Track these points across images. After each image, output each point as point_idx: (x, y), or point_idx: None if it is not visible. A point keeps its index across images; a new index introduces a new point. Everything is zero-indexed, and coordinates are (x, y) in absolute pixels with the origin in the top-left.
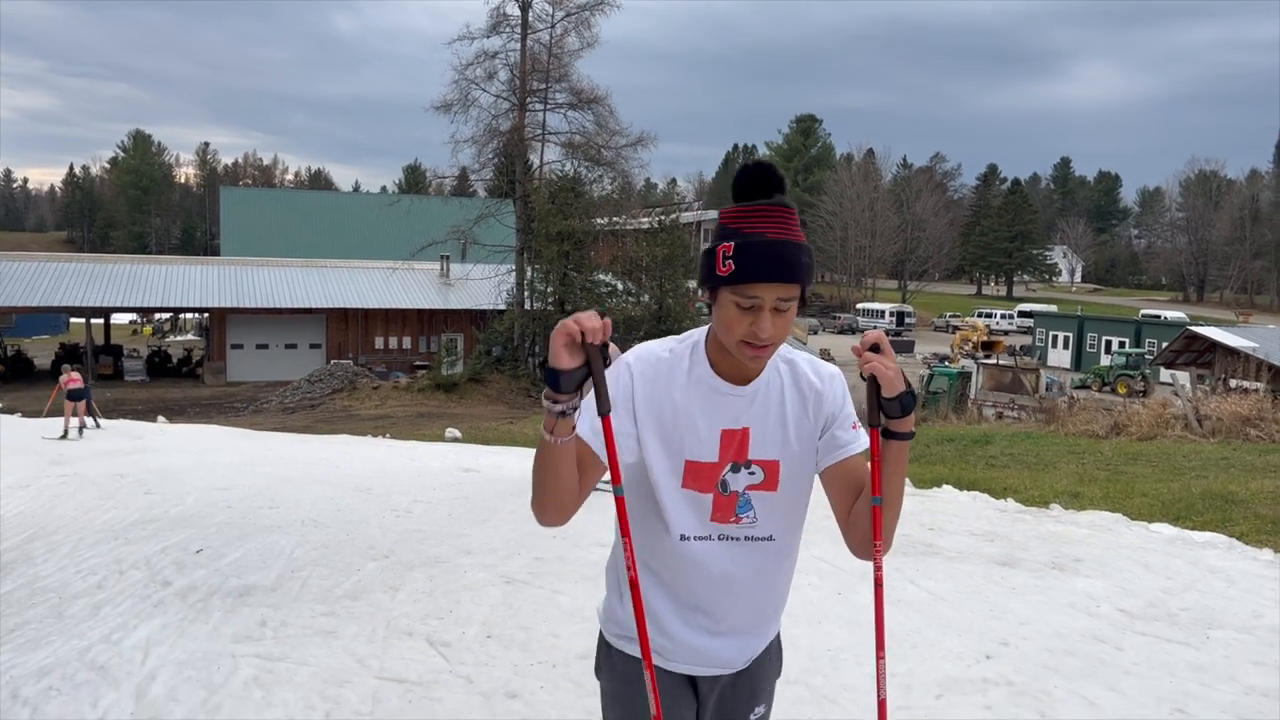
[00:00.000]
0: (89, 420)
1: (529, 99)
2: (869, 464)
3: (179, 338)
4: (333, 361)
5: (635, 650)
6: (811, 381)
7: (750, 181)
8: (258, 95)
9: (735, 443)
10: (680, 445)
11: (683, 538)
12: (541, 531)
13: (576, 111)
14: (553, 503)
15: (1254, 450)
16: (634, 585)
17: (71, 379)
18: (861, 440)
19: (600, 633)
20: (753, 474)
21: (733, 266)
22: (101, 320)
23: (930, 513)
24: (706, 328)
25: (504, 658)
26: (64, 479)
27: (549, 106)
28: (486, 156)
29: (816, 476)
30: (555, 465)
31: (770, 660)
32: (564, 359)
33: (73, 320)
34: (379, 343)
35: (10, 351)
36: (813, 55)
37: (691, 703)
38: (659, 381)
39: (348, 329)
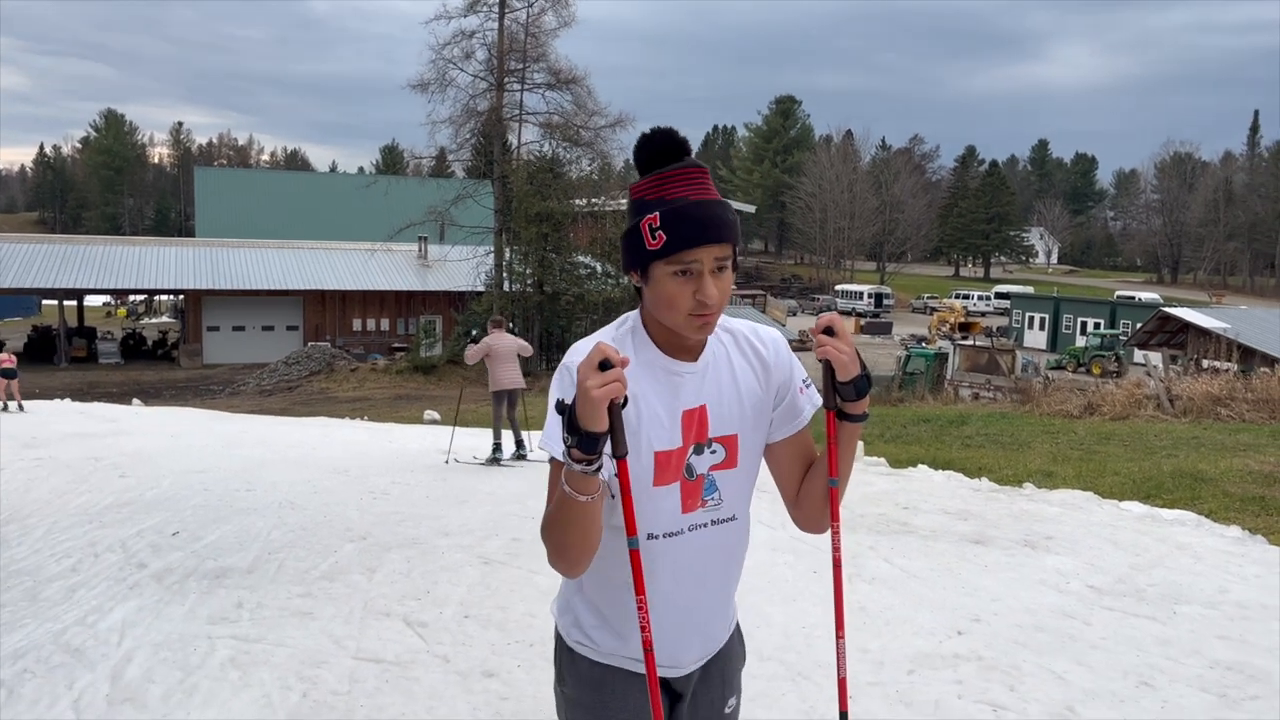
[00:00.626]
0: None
1: (507, 79)
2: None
3: (154, 320)
4: (310, 344)
5: (603, 657)
6: (757, 348)
7: (656, 150)
8: (231, 74)
9: (695, 422)
10: (646, 439)
11: (650, 536)
12: (518, 512)
13: (554, 92)
14: (586, 555)
15: (1224, 429)
16: (647, 647)
17: (4, 359)
18: (814, 402)
19: (559, 639)
20: (714, 453)
21: (664, 237)
22: (74, 302)
23: (905, 492)
24: (637, 310)
25: (481, 637)
26: (38, 462)
27: (527, 86)
28: (464, 137)
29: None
30: (588, 522)
31: (735, 648)
32: (604, 421)
33: (45, 302)
34: (357, 324)
35: None
36: (792, 36)
37: (663, 702)
38: None
39: (325, 311)
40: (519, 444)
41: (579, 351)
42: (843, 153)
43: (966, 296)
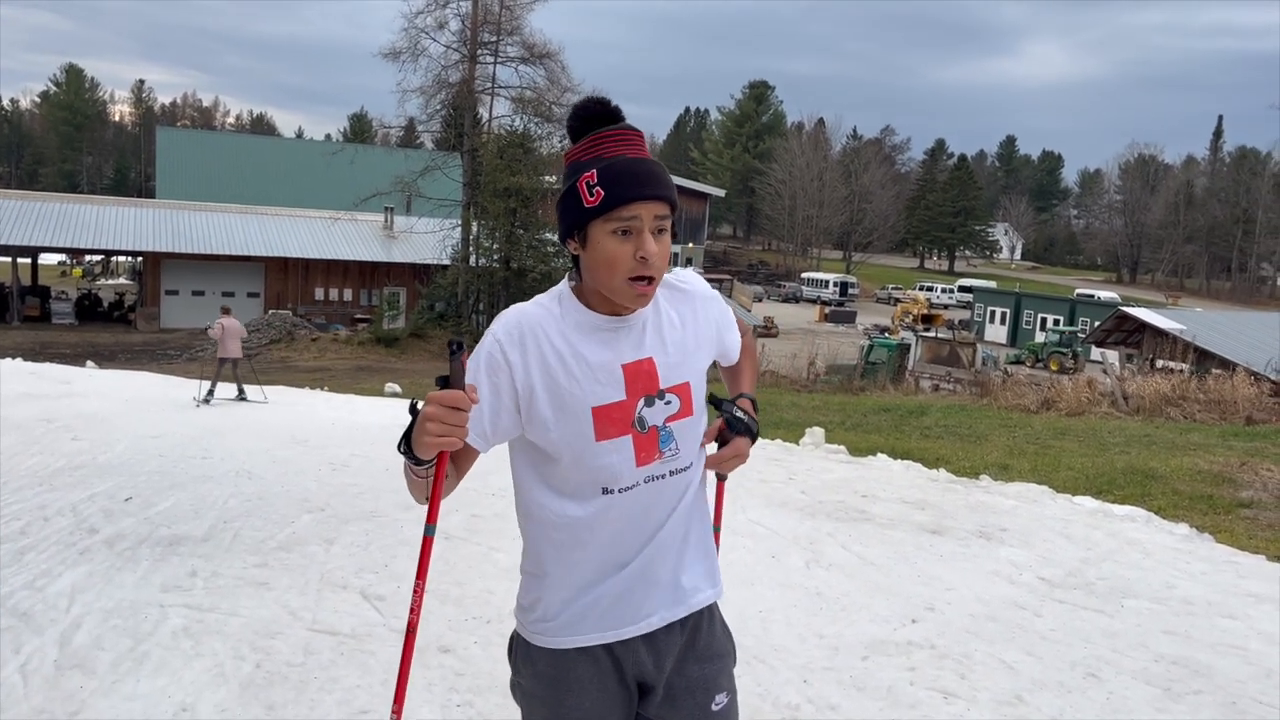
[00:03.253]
0: None
1: (479, 51)
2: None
3: (110, 281)
4: (271, 311)
5: (559, 643)
6: (687, 293)
7: (591, 116)
8: (193, 31)
9: (643, 375)
10: (581, 396)
11: (606, 491)
12: (479, 488)
13: (527, 66)
14: (425, 501)
15: (1175, 429)
16: (411, 627)
17: None
18: (736, 333)
19: (515, 634)
20: (669, 404)
21: (602, 193)
22: (28, 260)
23: (864, 480)
24: (565, 280)
25: (438, 612)
26: None
27: (500, 60)
28: (434, 108)
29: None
30: (423, 487)
31: (717, 641)
32: (432, 455)
33: None
34: (319, 294)
35: None
36: (766, 20)
37: (622, 697)
38: (533, 338)
39: (287, 278)
40: (241, 392)
41: (501, 318)
42: (814, 140)
43: (930, 289)
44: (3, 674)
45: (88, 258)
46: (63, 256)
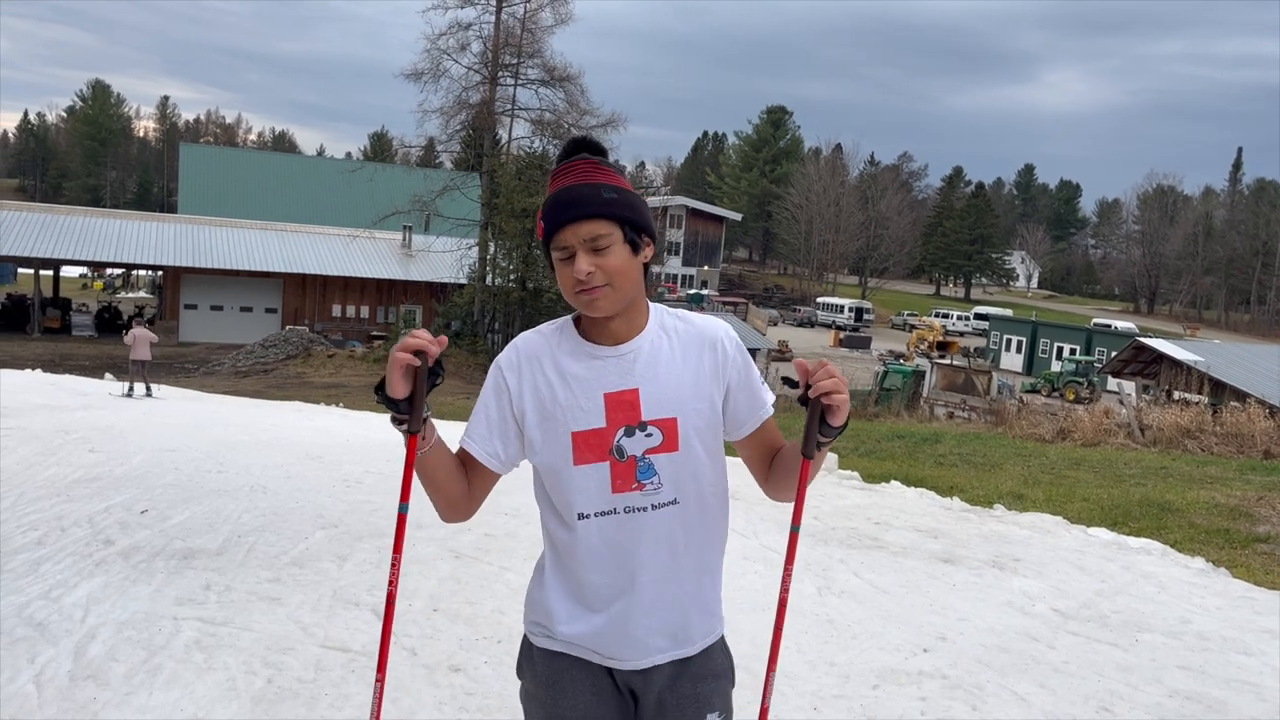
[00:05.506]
0: None
1: (500, 73)
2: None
3: (130, 294)
4: (288, 327)
5: (556, 645)
6: (705, 336)
7: (565, 155)
8: (212, 49)
9: (624, 405)
10: (563, 420)
11: (582, 516)
12: (491, 508)
13: (548, 88)
14: (443, 507)
15: (1192, 461)
16: (390, 601)
17: None
18: (770, 397)
19: (524, 637)
20: (649, 435)
21: (543, 226)
22: (51, 272)
23: (877, 507)
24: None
25: (449, 631)
26: (6, 432)
27: (520, 82)
28: (454, 128)
29: (731, 447)
30: (429, 474)
31: (717, 663)
32: (400, 388)
33: (21, 270)
34: (336, 310)
35: None
36: (784, 45)
37: (617, 703)
38: (529, 364)
39: (305, 295)
40: (148, 389)
41: (508, 348)
42: (831, 166)
43: (946, 316)
44: (18, 684)
45: (109, 271)
46: (84, 270)
